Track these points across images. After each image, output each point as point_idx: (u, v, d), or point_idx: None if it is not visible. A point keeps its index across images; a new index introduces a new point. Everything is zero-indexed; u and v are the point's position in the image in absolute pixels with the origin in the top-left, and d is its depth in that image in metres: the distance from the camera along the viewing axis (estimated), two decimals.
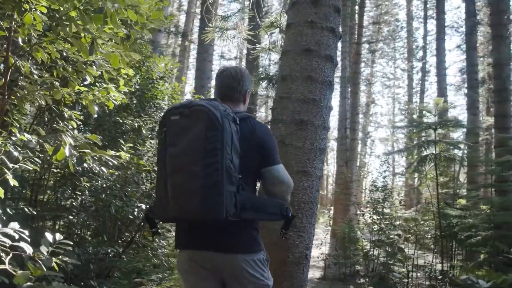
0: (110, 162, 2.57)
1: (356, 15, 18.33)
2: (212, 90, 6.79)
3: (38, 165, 2.80)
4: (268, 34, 6.21)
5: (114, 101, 3.08)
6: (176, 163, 2.10)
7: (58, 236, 1.88)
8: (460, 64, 29.98)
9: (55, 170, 4.67)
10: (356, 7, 18.12)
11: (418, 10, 30.58)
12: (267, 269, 2.36)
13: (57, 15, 2.38)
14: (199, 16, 18.25)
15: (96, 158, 2.49)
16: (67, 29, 2.10)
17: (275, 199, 2.37)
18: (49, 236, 1.86)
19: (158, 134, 2.24)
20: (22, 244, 1.77)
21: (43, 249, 1.78)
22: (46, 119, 4.50)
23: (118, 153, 2.86)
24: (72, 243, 1.90)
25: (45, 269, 1.68)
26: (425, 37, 27.11)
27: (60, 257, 1.82)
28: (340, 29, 4.26)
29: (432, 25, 27.88)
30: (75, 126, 3.18)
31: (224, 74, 2.54)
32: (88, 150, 2.41)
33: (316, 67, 4.01)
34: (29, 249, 1.76)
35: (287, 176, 2.42)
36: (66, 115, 3.18)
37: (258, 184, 2.54)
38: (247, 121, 2.31)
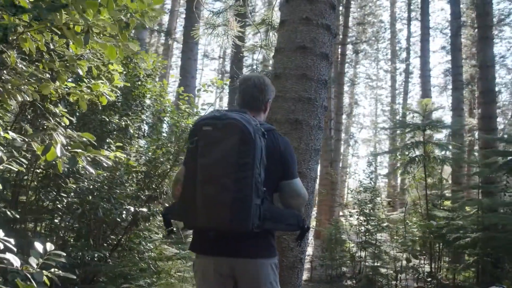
0: (104, 163, 2.39)
1: (341, 16, 18.32)
2: (202, 89, 6.60)
3: (24, 166, 2.61)
4: (260, 32, 6.07)
5: (108, 96, 2.89)
6: (207, 174, 2.15)
7: (49, 245, 1.69)
8: (443, 65, 30.33)
9: (38, 171, 4.44)
10: (341, 8, 18.12)
11: (402, 12, 30.87)
12: (278, 274, 2.44)
13: (43, 5, 2.18)
14: (183, 15, 18.08)
15: (90, 159, 2.31)
16: (58, 16, 1.92)
17: (291, 210, 2.45)
18: (38, 245, 1.67)
19: (189, 143, 2.27)
20: (8, 256, 1.58)
21: (33, 261, 1.59)
22: (29, 116, 4.26)
23: (113, 153, 2.67)
24: (65, 254, 1.71)
25: (35, 285, 1.49)
26: (408, 38, 27.37)
27: (53, 270, 1.63)
28: None
29: (415, 27, 28.09)
30: (67, 123, 2.99)
31: (248, 83, 2.59)
32: (80, 150, 2.23)
33: (311, 65, 3.99)
34: (16, 262, 1.56)
35: (304, 190, 2.53)
36: (56, 112, 2.99)
37: None
38: (271, 134, 2.37)
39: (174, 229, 2.48)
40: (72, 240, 5.34)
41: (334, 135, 16.96)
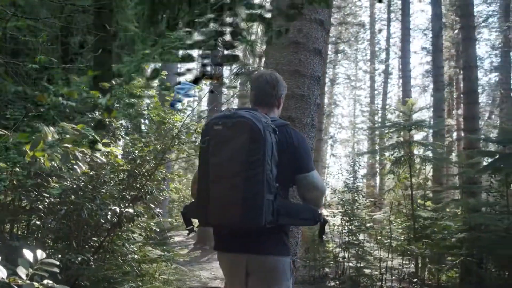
0: (99, 160, 2.20)
1: None
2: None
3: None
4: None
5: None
6: (218, 172, 2.19)
7: (40, 253, 1.49)
8: (422, 67, 30.71)
9: (18, 169, 4.16)
10: None
11: (381, 13, 31.10)
12: (290, 279, 2.44)
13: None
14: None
15: (83, 155, 2.11)
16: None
17: (307, 204, 2.46)
18: (28, 253, 1.46)
19: (201, 143, 2.29)
20: None
21: (21, 271, 1.39)
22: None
23: (109, 148, 2.48)
24: (58, 263, 1.51)
25: None
26: (388, 39, 27.59)
27: (46, 282, 1.43)
28: None
29: (394, 28, 28.32)
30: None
31: (260, 79, 2.64)
32: (71, 146, 2.02)
33: (304, 61, 3.94)
34: (3, 273, 1.36)
35: (322, 182, 2.51)
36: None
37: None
38: (284, 129, 2.39)
39: (195, 227, 2.50)
40: (50, 242, 5.08)
41: (316, 135, 16.91)
